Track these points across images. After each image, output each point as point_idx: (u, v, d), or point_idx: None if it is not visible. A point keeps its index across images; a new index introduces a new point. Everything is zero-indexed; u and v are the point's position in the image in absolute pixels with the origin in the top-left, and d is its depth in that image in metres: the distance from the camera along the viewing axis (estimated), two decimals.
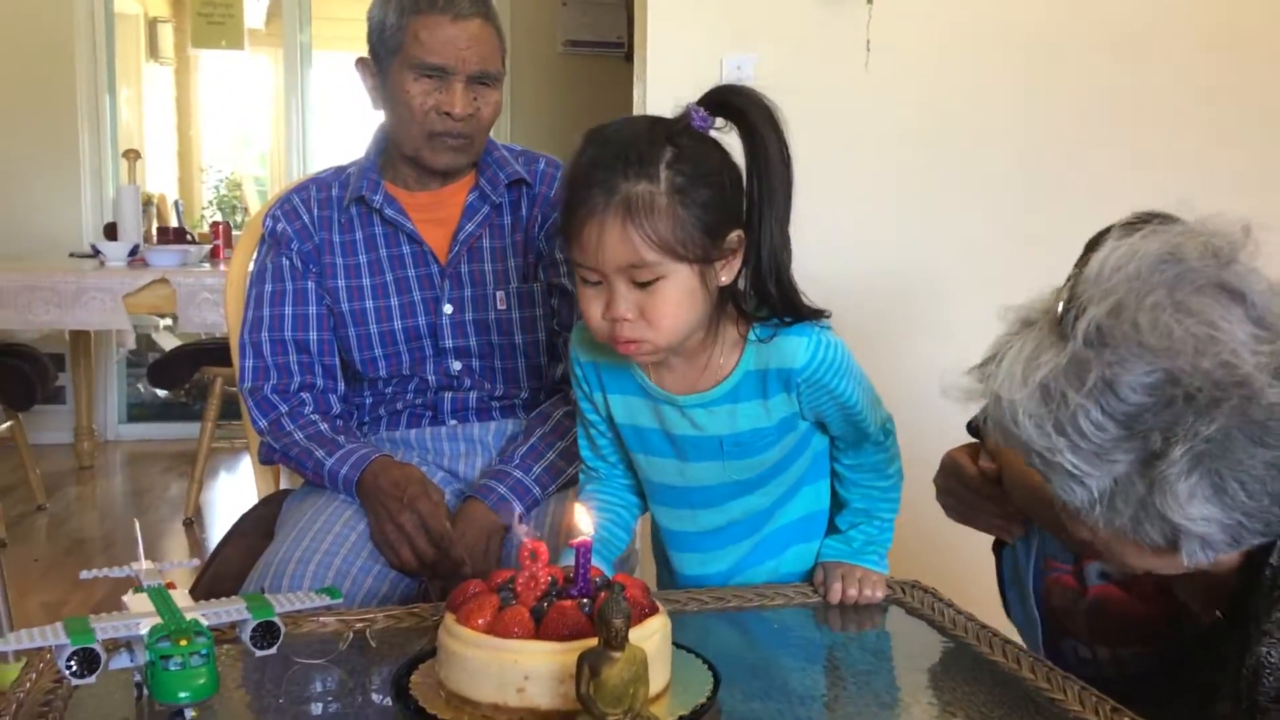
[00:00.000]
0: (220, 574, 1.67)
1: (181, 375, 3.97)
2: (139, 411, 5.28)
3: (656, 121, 1.20)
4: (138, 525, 1.12)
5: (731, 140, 1.23)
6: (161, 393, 5.14)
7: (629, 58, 4.74)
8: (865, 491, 1.38)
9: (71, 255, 4.12)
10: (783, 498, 1.37)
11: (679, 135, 1.17)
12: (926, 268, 2.52)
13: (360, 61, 1.67)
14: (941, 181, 2.51)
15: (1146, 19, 2.52)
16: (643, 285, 1.16)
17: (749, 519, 1.36)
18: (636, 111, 2.48)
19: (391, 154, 1.67)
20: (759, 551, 1.38)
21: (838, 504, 1.41)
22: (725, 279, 1.21)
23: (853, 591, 1.31)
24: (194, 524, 3.81)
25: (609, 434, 1.37)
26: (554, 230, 1.67)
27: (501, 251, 1.67)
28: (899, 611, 1.29)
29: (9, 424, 3.57)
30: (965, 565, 2.46)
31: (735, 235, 1.20)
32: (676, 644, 1.04)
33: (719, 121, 1.22)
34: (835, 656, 1.24)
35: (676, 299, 1.17)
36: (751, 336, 1.25)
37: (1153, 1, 2.52)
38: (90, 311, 3.30)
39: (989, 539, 1.91)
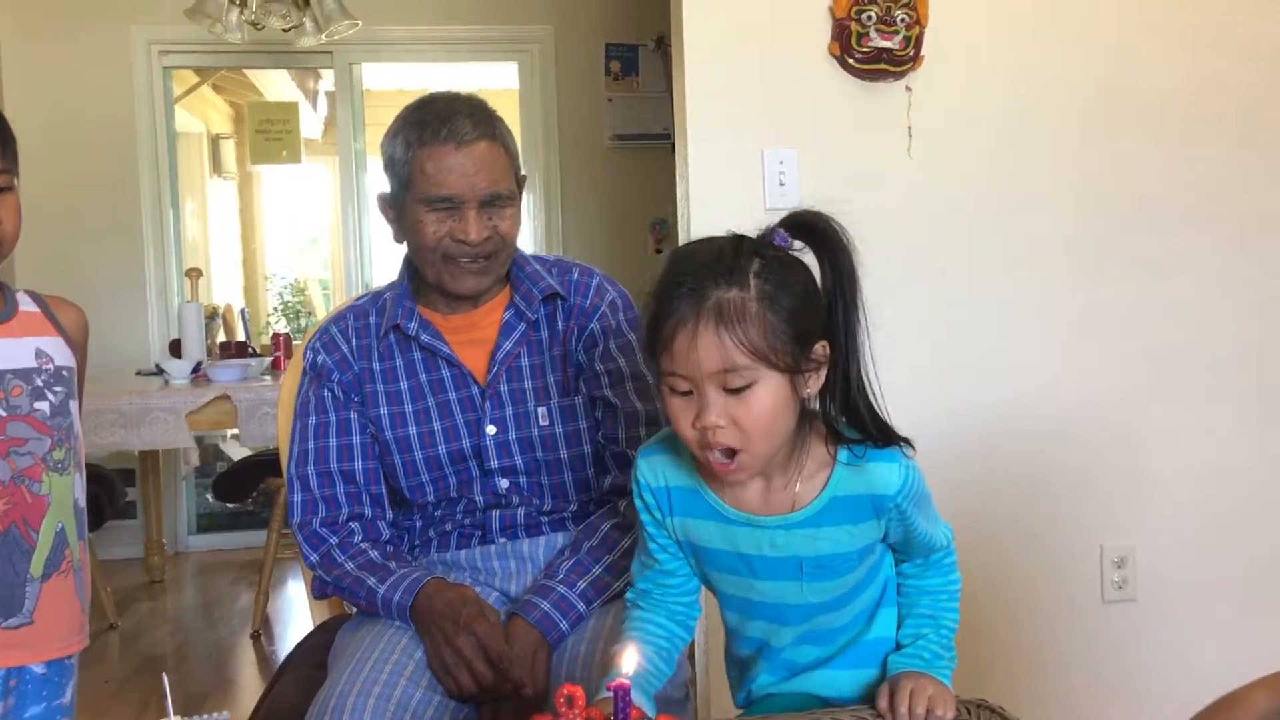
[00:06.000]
0: (275, 711, 1.64)
1: (246, 488, 4.01)
2: (208, 521, 5.34)
3: (741, 237, 1.22)
4: (166, 681, 1.10)
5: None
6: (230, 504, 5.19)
7: (675, 148, 4.79)
8: (933, 597, 1.35)
9: (138, 373, 4.21)
10: (858, 618, 1.34)
11: (764, 248, 1.21)
12: (979, 348, 2.47)
13: (379, 197, 1.68)
14: (991, 260, 2.47)
15: (1190, 85, 2.48)
16: (734, 392, 1.16)
17: (826, 632, 1.33)
18: (681, 207, 2.49)
19: (423, 279, 1.68)
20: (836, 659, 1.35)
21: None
22: (812, 390, 1.22)
23: (920, 710, 1.25)
24: (261, 636, 3.81)
25: (676, 553, 1.35)
26: (591, 341, 1.66)
27: (541, 368, 1.66)
28: None
29: None
30: (1024, 681, 2.37)
31: (821, 346, 1.22)
32: None
33: (797, 245, 1.24)
34: None
35: (768, 406, 1.18)
36: (842, 459, 1.24)
37: (1196, 67, 2.48)
38: (155, 431, 3.35)
39: (1044, 654, 1.82)
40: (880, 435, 1.24)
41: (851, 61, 2.36)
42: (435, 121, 1.57)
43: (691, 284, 1.16)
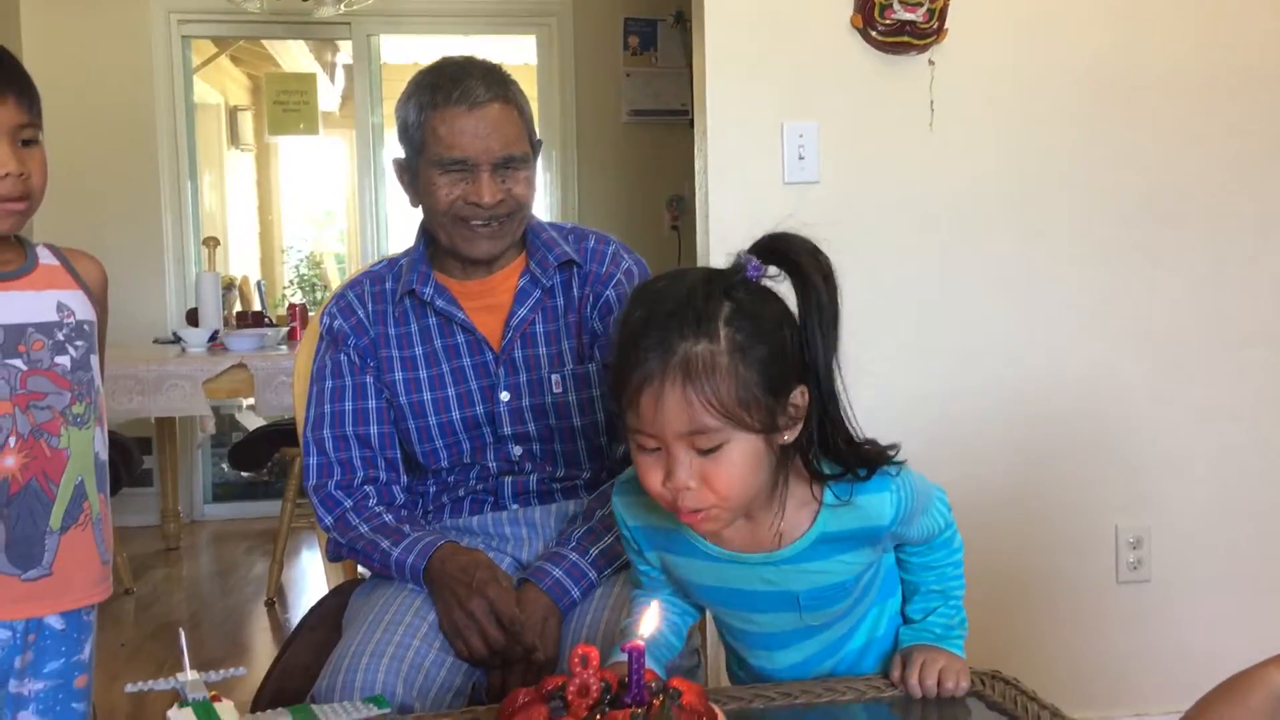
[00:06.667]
0: (289, 669, 1.65)
1: (261, 457, 4.03)
2: (224, 491, 5.36)
3: (710, 275, 1.14)
4: (183, 635, 1.10)
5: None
6: (245, 473, 5.21)
7: (693, 124, 4.74)
8: (940, 571, 1.32)
9: (155, 341, 4.22)
10: (858, 624, 1.32)
11: (735, 288, 1.12)
12: (996, 325, 2.45)
13: (394, 162, 1.68)
14: (1010, 237, 2.45)
15: (1210, 63, 2.46)
16: (704, 452, 1.09)
17: (824, 649, 1.31)
18: (699, 180, 2.48)
19: (438, 244, 1.67)
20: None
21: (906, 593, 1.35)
22: (789, 438, 1.14)
23: (930, 682, 1.24)
24: (275, 604, 3.83)
25: (659, 574, 1.31)
26: (606, 309, 1.66)
27: (555, 334, 1.65)
28: (979, 706, 1.22)
29: None
30: (1037, 657, 2.37)
31: (799, 392, 1.13)
32: None
33: (771, 270, 1.16)
34: None
35: (741, 465, 1.10)
36: (827, 499, 1.17)
37: (1215, 45, 2.46)
38: (171, 398, 3.37)
39: (1058, 632, 1.75)
40: (862, 466, 1.17)
41: (874, 34, 2.34)
42: (448, 84, 1.56)
43: (657, 335, 1.08)
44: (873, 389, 1.17)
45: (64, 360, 1.45)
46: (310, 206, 8.28)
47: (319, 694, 1.44)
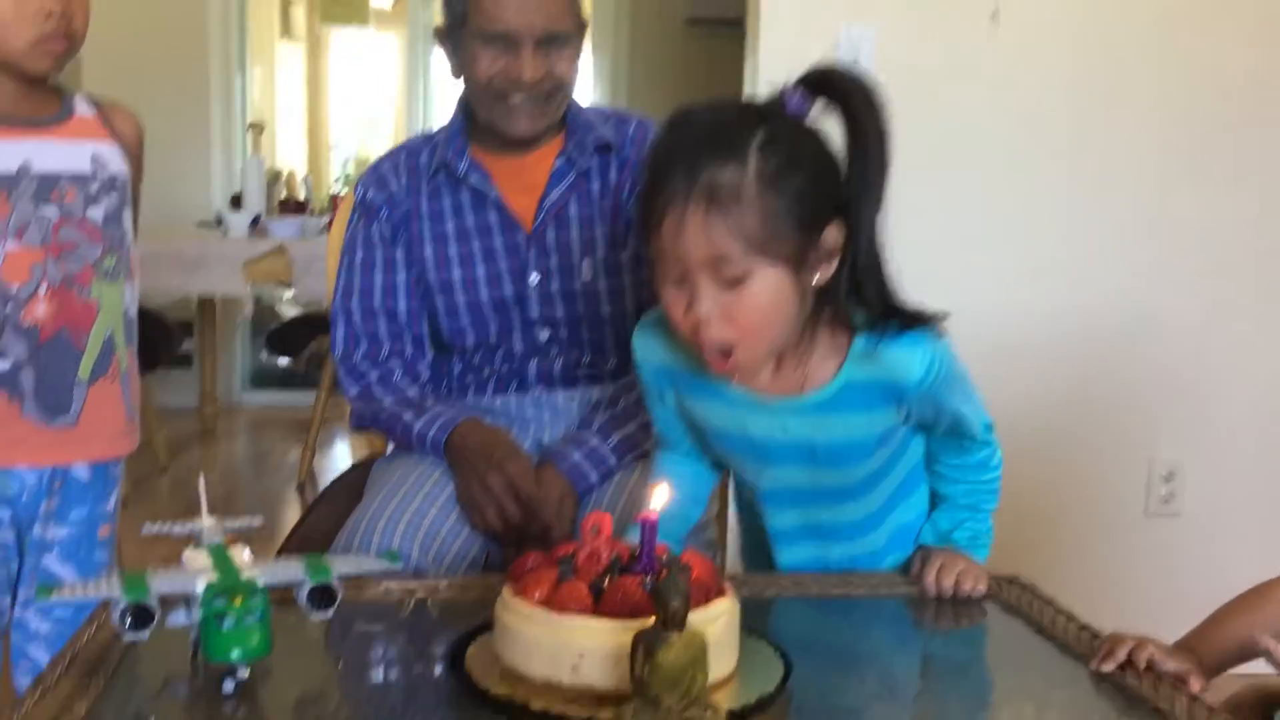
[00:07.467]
0: (308, 535, 1.67)
1: (299, 343, 4.06)
2: (262, 378, 5.42)
3: (747, 104, 1.10)
4: (203, 481, 1.11)
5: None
6: (282, 360, 5.26)
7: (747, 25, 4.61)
8: (971, 487, 1.30)
9: (199, 224, 4.24)
10: (880, 511, 1.29)
11: (772, 117, 1.08)
12: (1047, 247, 2.40)
13: (437, 32, 1.64)
14: (1068, 159, 2.38)
15: None
16: (729, 285, 1.05)
17: (844, 528, 1.29)
18: (748, 88, 2.42)
19: (477, 120, 1.64)
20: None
21: (934, 500, 1.33)
22: (821, 279, 1.09)
23: (948, 583, 1.22)
24: (306, 488, 3.89)
25: (678, 425, 1.30)
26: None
27: (589, 218, 1.62)
28: (995, 608, 1.21)
29: None
30: (1058, 558, 2.34)
31: (833, 230, 1.08)
32: (748, 629, 0.99)
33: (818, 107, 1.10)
34: (922, 651, 1.17)
35: (766, 302, 1.06)
36: (855, 349, 1.13)
37: None
38: (211, 278, 3.40)
39: (1082, 535, 1.69)
40: (889, 317, 1.12)
41: None
42: None
43: (685, 158, 1.04)
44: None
45: (96, 213, 1.45)
46: (359, 104, 8.24)
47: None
